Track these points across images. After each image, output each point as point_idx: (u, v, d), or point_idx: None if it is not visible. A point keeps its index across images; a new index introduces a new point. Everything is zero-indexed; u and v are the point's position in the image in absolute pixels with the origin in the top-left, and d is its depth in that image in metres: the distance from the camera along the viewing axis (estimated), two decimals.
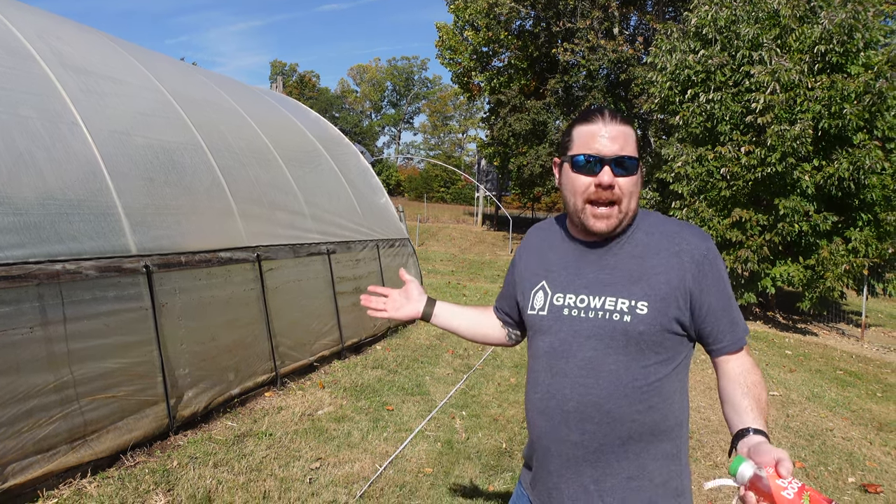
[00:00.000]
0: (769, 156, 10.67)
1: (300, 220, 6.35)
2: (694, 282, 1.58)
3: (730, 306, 1.63)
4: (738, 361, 1.62)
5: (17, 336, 3.29)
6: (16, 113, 3.83)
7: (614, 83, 23.99)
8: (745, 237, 11.30)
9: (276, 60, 70.10)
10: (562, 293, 1.70)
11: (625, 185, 1.59)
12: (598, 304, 1.62)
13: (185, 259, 4.53)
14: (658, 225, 1.67)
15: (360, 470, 4.07)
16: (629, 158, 1.59)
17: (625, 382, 1.59)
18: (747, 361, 1.63)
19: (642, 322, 1.56)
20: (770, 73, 10.72)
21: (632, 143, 1.61)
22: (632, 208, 1.63)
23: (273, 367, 5.40)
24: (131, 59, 5.64)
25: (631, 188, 1.60)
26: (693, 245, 1.60)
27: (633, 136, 1.62)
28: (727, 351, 1.62)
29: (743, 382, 1.58)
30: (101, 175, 4.14)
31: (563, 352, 1.67)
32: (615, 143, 1.59)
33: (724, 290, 1.62)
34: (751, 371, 1.61)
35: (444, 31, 30.30)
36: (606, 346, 1.60)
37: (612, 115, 1.62)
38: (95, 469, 3.66)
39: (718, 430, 5.49)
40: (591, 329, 1.62)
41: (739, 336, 1.63)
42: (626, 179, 1.59)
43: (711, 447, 5.08)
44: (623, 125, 1.61)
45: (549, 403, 1.68)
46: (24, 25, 4.60)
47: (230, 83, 7.84)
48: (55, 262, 3.53)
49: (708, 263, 1.59)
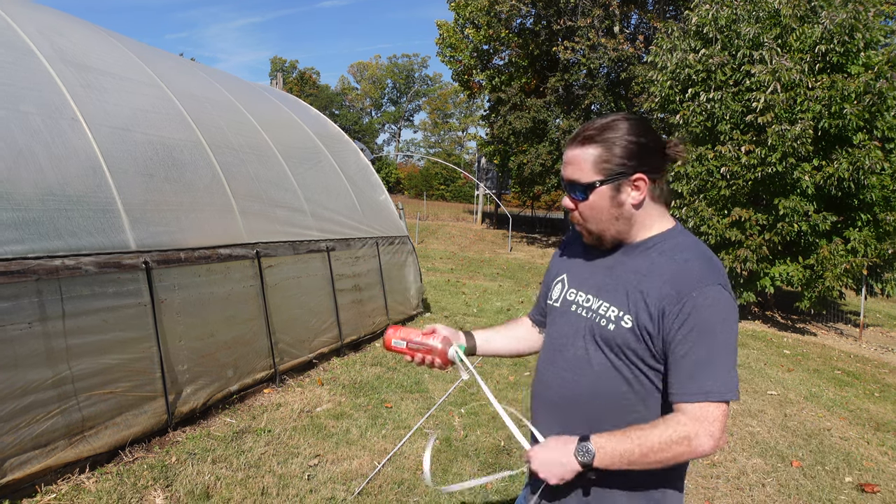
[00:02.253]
0: (769, 155, 10.67)
1: (300, 217, 6.35)
2: (670, 316, 1.50)
3: (693, 356, 1.48)
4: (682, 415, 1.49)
5: (15, 331, 3.30)
6: (16, 108, 3.83)
7: (615, 82, 23.99)
8: (744, 237, 11.30)
9: (276, 57, 70.15)
10: (575, 289, 1.75)
11: (581, 209, 1.63)
12: (596, 307, 1.66)
13: (185, 255, 4.53)
14: (677, 250, 1.59)
15: (359, 467, 4.08)
16: (573, 185, 1.61)
17: (605, 387, 1.61)
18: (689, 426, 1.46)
19: (623, 334, 1.58)
20: (771, 72, 10.71)
21: (579, 168, 1.59)
22: (603, 229, 1.63)
23: (272, 363, 5.40)
24: (131, 55, 5.64)
25: (587, 213, 1.62)
26: (689, 281, 1.51)
27: (588, 157, 1.58)
28: (673, 401, 1.51)
29: (662, 422, 1.49)
30: (100, 171, 4.14)
31: (560, 345, 1.73)
32: (567, 168, 1.63)
33: (692, 337, 1.48)
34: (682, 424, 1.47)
35: (444, 28, 30.30)
36: (595, 349, 1.64)
37: (576, 136, 1.61)
38: (94, 465, 3.66)
39: None
40: (585, 329, 1.67)
41: (691, 391, 1.48)
42: (581, 205, 1.62)
43: None
44: (577, 147, 1.60)
45: (539, 390, 1.79)
46: (24, 21, 4.60)
47: (230, 80, 7.84)
48: (54, 257, 3.53)
49: (691, 304, 1.48)
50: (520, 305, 11.10)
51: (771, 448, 5.20)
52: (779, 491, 4.40)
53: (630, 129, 1.57)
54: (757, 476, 4.62)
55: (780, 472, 4.74)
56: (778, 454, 5.08)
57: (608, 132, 1.57)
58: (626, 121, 1.59)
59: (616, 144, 1.55)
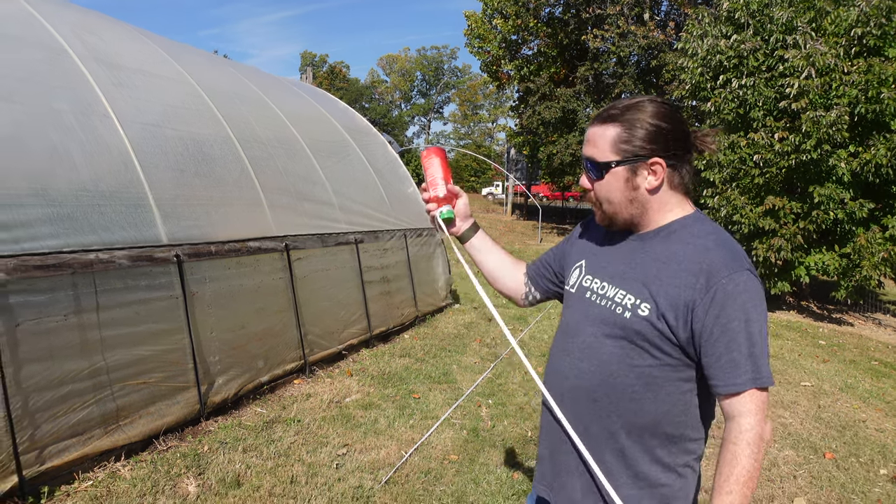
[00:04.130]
0: (804, 142, 10.46)
1: (328, 209, 6.41)
2: (701, 306, 1.46)
3: (734, 345, 1.44)
4: (736, 410, 1.46)
5: (51, 323, 3.40)
6: (50, 107, 3.93)
7: (645, 70, 23.73)
8: (778, 225, 11.11)
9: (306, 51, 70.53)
10: (591, 276, 1.73)
11: (597, 188, 1.61)
12: (612, 294, 1.64)
13: (215, 248, 4.61)
14: (699, 237, 1.55)
15: (386, 456, 4.12)
16: (590, 162, 1.59)
17: (615, 376, 1.59)
18: (747, 418, 1.44)
19: (640, 322, 1.55)
20: (805, 57, 10.49)
21: (596, 146, 1.57)
22: (616, 211, 1.61)
23: (301, 354, 5.47)
24: (161, 52, 5.73)
25: (601, 193, 1.60)
26: (716, 268, 1.47)
27: (607, 136, 1.55)
28: (720, 393, 1.48)
29: (735, 443, 1.45)
30: (132, 167, 4.23)
31: (572, 331, 1.72)
32: (586, 145, 1.60)
33: (732, 326, 1.44)
34: (745, 431, 1.44)
35: (472, 19, 30.19)
36: (606, 336, 1.62)
37: (599, 114, 1.59)
38: (129, 453, 3.76)
39: None
40: (598, 316, 1.65)
41: (737, 381, 1.44)
42: (597, 183, 1.61)
43: None
44: (598, 125, 1.58)
45: (551, 378, 1.77)
46: (57, 21, 4.70)
47: (259, 74, 7.92)
48: (89, 251, 3.63)
49: (722, 292, 1.44)
50: None
51: (804, 440, 5.13)
52: (810, 483, 4.34)
53: (655, 112, 1.54)
54: (788, 468, 4.57)
55: (813, 463, 4.67)
56: (811, 446, 5.01)
57: (632, 112, 1.54)
58: (653, 103, 1.55)
59: (638, 126, 1.52)
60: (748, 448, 1.42)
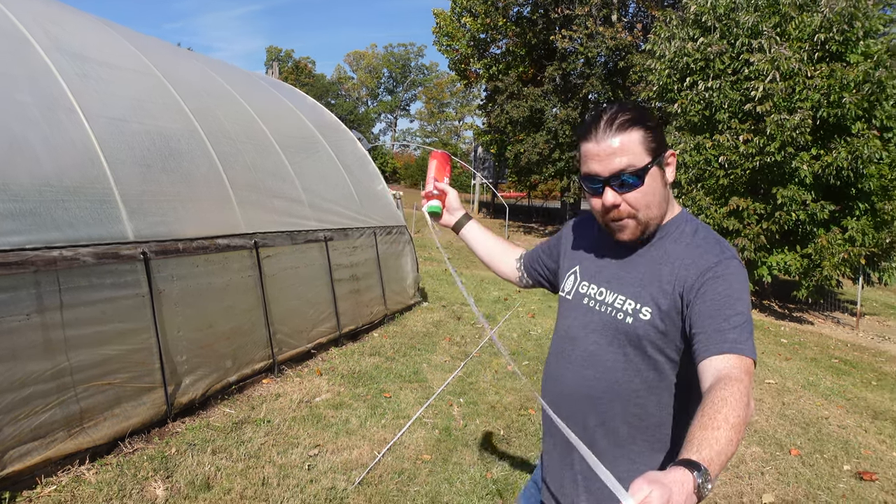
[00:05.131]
0: (768, 145, 10.66)
1: (297, 206, 6.32)
2: (692, 292, 1.46)
3: (724, 314, 1.40)
4: (725, 370, 1.33)
5: (13, 323, 3.28)
6: (12, 98, 3.80)
7: (612, 71, 23.94)
8: (742, 226, 11.31)
9: (271, 46, 69.60)
10: (587, 282, 1.73)
11: (632, 199, 1.52)
12: (611, 300, 1.63)
13: (183, 246, 4.51)
14: (689, 236, 1.58)
15: (359, 457, 4.07)
16: (627, 174, 1.49)
17: (620, 382, 1.58)
18: (738, 378, 1.30)
19: (642, 326, 1.55)
20: (769, 61, 10.69)
21: (631, 153, 1.49)
22: (652, 216, 1.56)
23: (270, 354, 5.39)
24: (127, 44, 5.59)
25: (642, 200, 1.52)
26: (706, 259, 1.49)
27: (635, 140, 1.49)
28: (710, 354, 1.37)
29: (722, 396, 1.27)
30: (98, 161, 4.11)
31: (572, 338, 1.71)
32: (610, 160, 1.49)
33: (723, 301, 1.41)
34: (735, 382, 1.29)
35: (441, 17, 30.15)
36: (608, 343, 1.61)
37: (607, 126, 1.50)
38: (94, 456, 3.65)
39: None
40: (599, 323, 1.64)
41: (724, 346, 1.36)
42: (633, 194, 1.52)
43: None
44: (618, 134, 1.49)
45: (548, 385, 1.77)
46: (20, 10, 4.55)
47: (226, 68, 7.79)
48: (52, 248, 3.51)
49: (711, 274, 1.45)
50: (517, 295, 11.10)
51: (769, 436, 5.21)
52: (778, 479, 4.41)
53: (647, 112, 1.55)
54: (756, 464, 4.63)
55: (779, 460, 4.75)
56: (776, 442, 5.10)
57: (638, 114, 1.52)
58: (634, 105, 1.57)
59: (649, 126, 1.51)
60: (739, 398, 1.24)
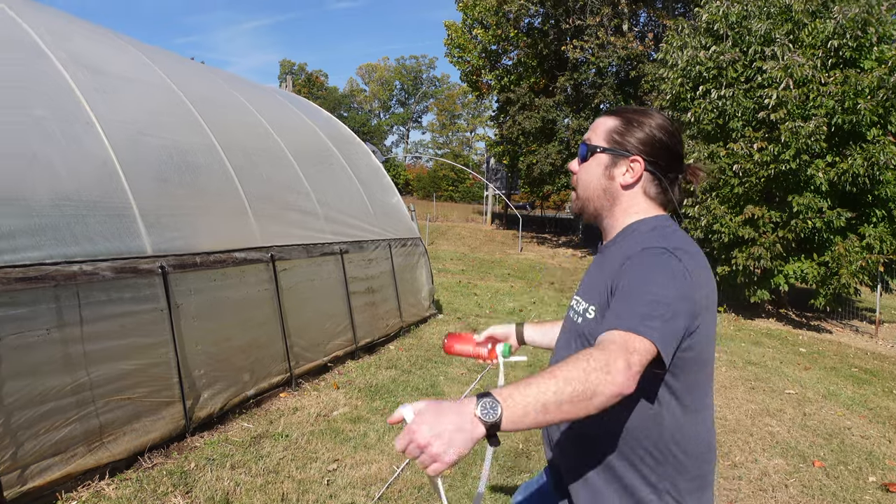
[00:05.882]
0: (782, 152, 10.59)
1: (313, 220, 6.33)
2: (615, 283, 1.45)
3: (625, 298, 1.36)
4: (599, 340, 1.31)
5: (33, 338, 3.28)
6: (30, 113, 3.82)
7: (624, 80, 23.92)
8: (757, 234, 11.22)
9: (285, 60, 70.34)
10: (574, 295, 1.78)
11: (580, 170, 1.67)
12: (575, 305, 1.69)
13: (200, 260, 4.52)
14: (641, 234, 1.56)
15: (378, 471, 4.05)
16: (584, 143, 1.66)
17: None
18: (606, 345, 1.26)
19: (587, 325, 1.56)
20: (783, 68, 10.63)
21: (596, 132, 1.64)
22: (587, 197, 1.65)
23: (287, 367, 5.38)
24: (144, 58, 5.63)
25: (581, 176, 1.66)
26: (631, 250, 1.48)
27: (607, 124, 1.62)
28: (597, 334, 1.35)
29: (576, 354, 1.26)
30: (116, 176, 4.13)
31: (555, 349, 1.77)
32: (588, 132, 1.67)
33: (628, 285, 1.38)
34: (595, 351, 1.24)
35: (452, 29, 30.29)
36: (566, 345, 1.65)
37: (610, 109, 1.69)
38: (113, 471, 3.64)
39: (736, 429, 5.44)
40: (566, 328, 1.71)
41: (610, 327, 1.31)
42: (581, 165, 1.67)
43: (729, 447, 5.04)
44: (605, 116, 1.66)
45: None
46: (37, 25, 4.59)
47: (241, 82, 7.83)
48: (72, 263, 3.52)
49: (628, 262, 1.43)
50: (532, 306, 11.06)
51: (792, 448, 5.14)
52: (802, 492, 4.34)
53: (660, 124, 1.58)
54: (779, 477, 4.56)
55: (803, 472, 4.68)
56: (799, 454, 5.02)
57: (639, 115, 1.60)
58: (662, 116, 1.61)
59: (636, 126, 1.57)
60: (585, 360, 1.20)
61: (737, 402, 6.31)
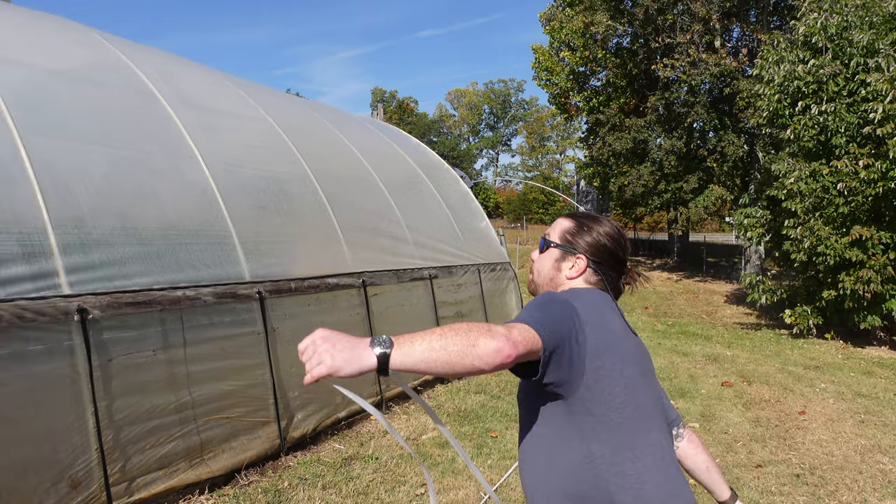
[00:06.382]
0: (891, 169, 10.01)
1: (403, 245, 6.46)
2: None
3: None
4: None
5: (141, 359, 3.50)
6: (140, 149, 4.11)
7: (717, 98, 23.24)
8: (866, 256, 10.61)
9: (376, 88, 72.07)
10: None
11: (537, 259, 1.90)
12: None
13: (295, 285, 4.69)
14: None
15: (465, 497, 4.05)
16: (543, 238, 1.91)
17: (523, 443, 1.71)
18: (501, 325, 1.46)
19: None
20: (889, 80, 10.08)
21: (555, 229, 1.88)
22: (538, 282, 1.86)
23: (378, 390, 5.48)
24: (241, 93, 5.94)
25: (537, 264, 1.89)
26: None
27: (562, 225, 1.87)
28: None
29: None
30: (216, 205, 4.36)
31: None
32: (550, 229, 1.93)
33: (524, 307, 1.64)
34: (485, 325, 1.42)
35: (539, 52, 30.35)
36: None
37: (569, 214, 1.93)
38: (212, 487, 3.81)
39: (843, 466, 5.14)
40: None
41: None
42: (539, 255, 1.89)
43: (836, 485, 4.76)
44: (564, 219, 1.91)
45: None
46: (147, 67, 4.93)
47: (333, 112, 8.12)
48: (176, 288, 3.74)
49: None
50: None
51: None
52: None
53: (607, 232, 1.81)
54: None
55: None
56: None
57: (590, 221, 1.85)
58: (610, 225, 1.84)
59: (586, 231, 1.81)
60: (472, 324, 1.39)
61: (845, 436, 5.95)
